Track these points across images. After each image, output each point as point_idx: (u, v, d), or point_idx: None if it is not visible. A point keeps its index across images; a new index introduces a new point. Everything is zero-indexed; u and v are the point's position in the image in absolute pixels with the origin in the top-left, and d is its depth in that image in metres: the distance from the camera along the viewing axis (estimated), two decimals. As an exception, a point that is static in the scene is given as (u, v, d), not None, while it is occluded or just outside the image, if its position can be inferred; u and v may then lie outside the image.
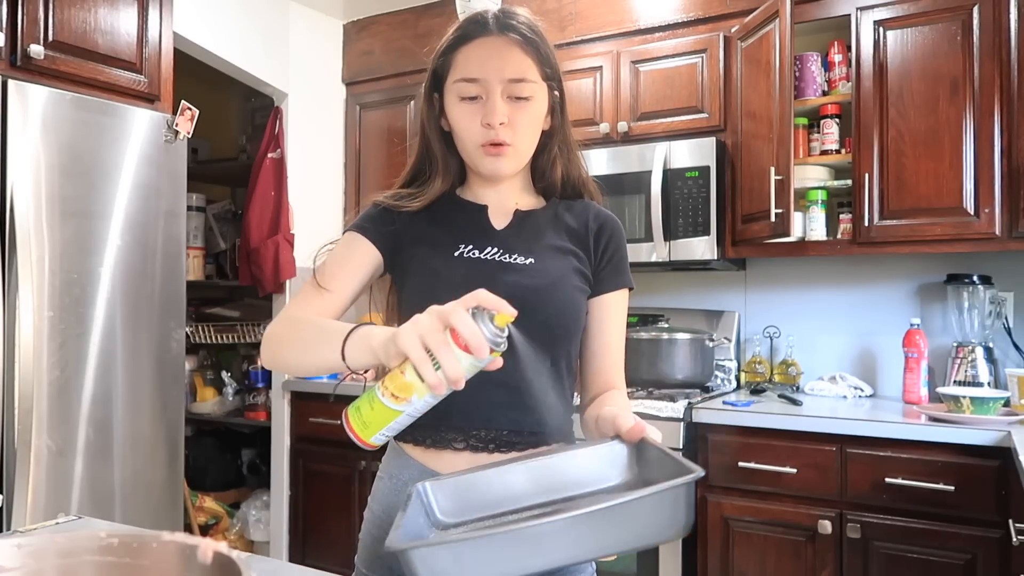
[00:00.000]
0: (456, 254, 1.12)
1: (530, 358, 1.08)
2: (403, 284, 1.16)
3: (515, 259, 1.12)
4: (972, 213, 2.25)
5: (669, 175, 2.60)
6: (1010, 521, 1.78)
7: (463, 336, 0.77)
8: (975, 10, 2.25)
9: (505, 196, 1.18)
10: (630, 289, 1.19)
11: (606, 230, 1.18)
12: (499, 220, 1.17)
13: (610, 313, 1.17)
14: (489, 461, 1.07)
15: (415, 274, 1.13)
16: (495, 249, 1.13)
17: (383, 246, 1.15)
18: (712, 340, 2.64)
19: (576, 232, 1.17)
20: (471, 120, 1.09)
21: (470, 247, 1.13)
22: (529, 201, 1.20)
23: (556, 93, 1.15)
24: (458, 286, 1.07)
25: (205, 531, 3.31)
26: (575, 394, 1.21)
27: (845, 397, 2.56)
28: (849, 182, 2.48)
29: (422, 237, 1.15)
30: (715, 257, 2.56)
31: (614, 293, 1.17)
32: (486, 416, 1.09)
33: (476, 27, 1.11)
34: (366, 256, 1.14)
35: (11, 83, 1.95)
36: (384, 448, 1.16)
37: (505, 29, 1.10)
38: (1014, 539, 1.69)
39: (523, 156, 1.13)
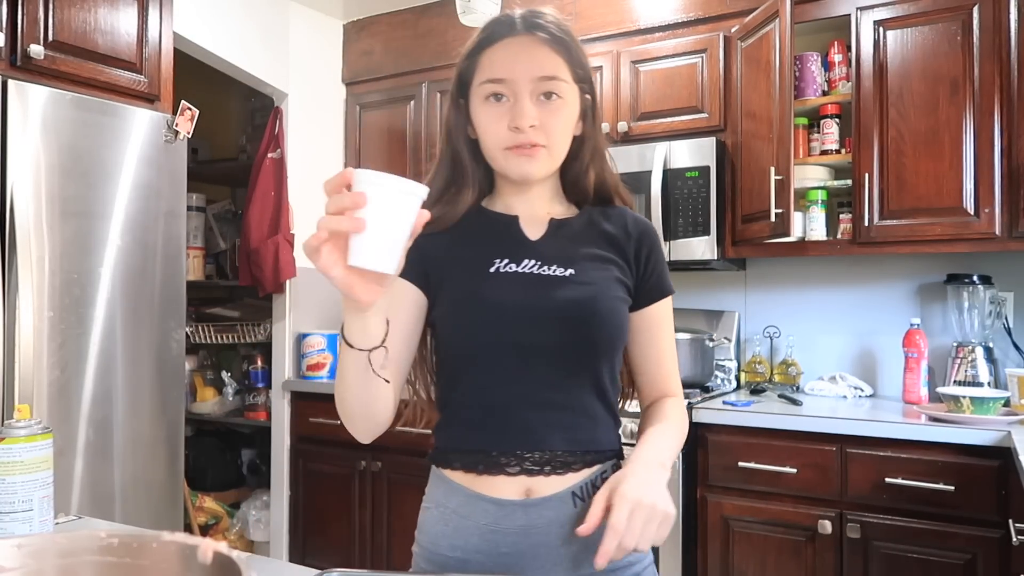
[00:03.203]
0: (492, 270, 1.06)
1: (576, 373, 1.04)
2: (436, 307, 1.08)
3: (554, 271, 1.05)
4: (972, 213, 2.25)
5: (669, 175, 2.60)
6: (1010, 521, 1.78)
7: None
8: (975, 10, 2.25)
9: (536, 205, 1.12)
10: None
11: (646, 240, 1.12)
12: (533, 230, 1.10)
13: (659, 323, 1.12)
14: (545, 483, 1.02)
15: (448, 296, 1.07)
16: (532, 261, 1.06)
17: (417, 276, 1.07)
18: (712, 340, 2.64)
19: (615, 239, 1.11)
20: (497, 123, 1.03)
21: (506, 261, 1.06)
22: (560, 210, 1.14)
23: (587, 97, 1.09)
24: (496, 304, 1.03)
25: (205, 531, 3.31)
26: (625, 402, 1.17)
27: (845, 397, 2.56)
28: (849, 182, 2.47)
29: (452, 256, 1.08)
30: (715, 257, 2.56)
31: (661, 302, 1.12)
32: (540, 437, 1.03)
33: (502, 27, 1.06)
34: (405, 298, 1.06)
35: (11, 83, 1.95)
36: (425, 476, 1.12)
37: (533, 28, 1.05)
38: (1014, 539, 1.69)
39: (556, 159, 1.07)
